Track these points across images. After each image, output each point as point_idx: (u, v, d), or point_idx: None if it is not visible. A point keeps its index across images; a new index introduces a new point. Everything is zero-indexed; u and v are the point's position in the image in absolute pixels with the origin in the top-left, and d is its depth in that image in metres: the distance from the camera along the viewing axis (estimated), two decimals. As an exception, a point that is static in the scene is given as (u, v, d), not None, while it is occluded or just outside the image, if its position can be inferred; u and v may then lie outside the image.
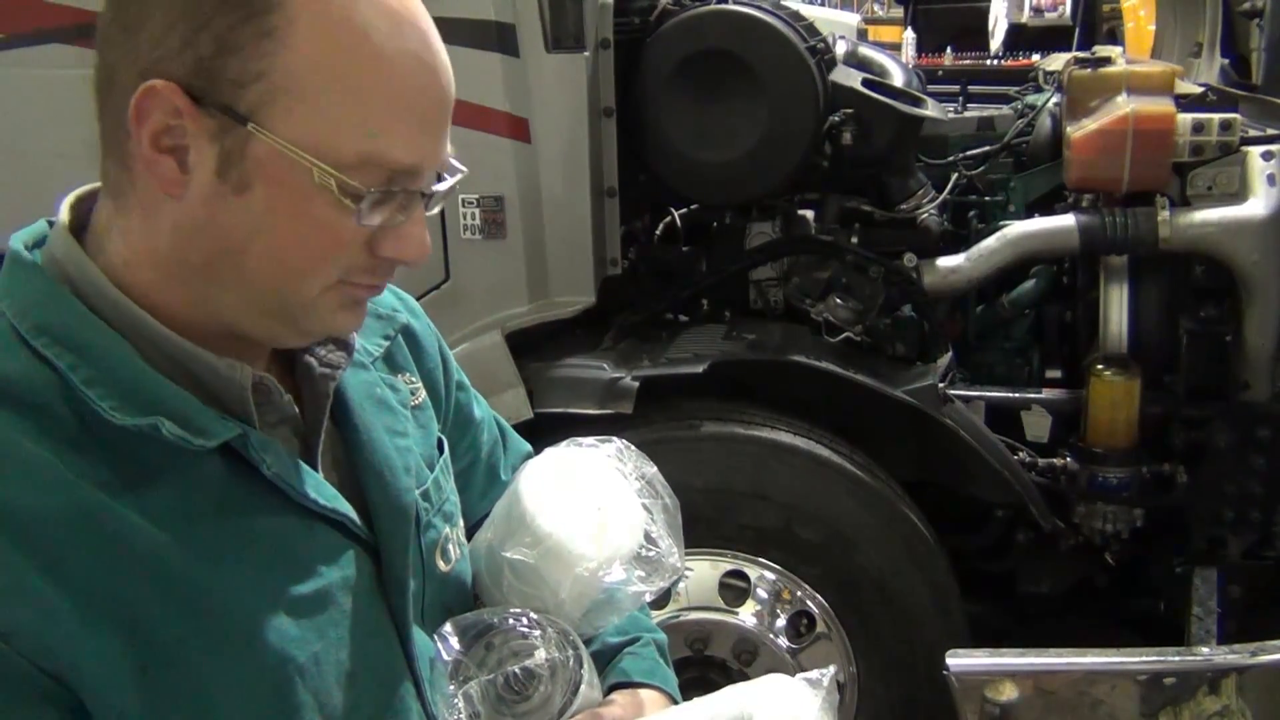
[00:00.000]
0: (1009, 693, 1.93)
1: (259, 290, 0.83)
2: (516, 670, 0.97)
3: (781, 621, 2.25)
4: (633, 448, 1.11)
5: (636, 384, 2.14)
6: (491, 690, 0.96)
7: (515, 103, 2.13)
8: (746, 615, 2.23)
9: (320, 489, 0.88)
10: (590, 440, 1.12)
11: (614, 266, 2.33)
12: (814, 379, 2.28)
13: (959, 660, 1.98)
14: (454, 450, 1.11)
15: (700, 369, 2.19)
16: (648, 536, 1.05)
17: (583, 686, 0.98)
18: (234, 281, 0.82)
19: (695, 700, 1.05)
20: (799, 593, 2.25)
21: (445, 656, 0.96)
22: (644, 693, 1.08)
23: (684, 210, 2.65)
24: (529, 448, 1.28)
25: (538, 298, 2.25)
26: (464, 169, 0.91)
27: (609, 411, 2.11)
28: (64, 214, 0.87)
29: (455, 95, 0.86)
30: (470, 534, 1.11)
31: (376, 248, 0.84)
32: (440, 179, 0.88)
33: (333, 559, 0.89)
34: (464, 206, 2.17)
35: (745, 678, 2.25)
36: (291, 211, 0.80)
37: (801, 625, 2.27)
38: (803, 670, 2.32)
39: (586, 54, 2.16)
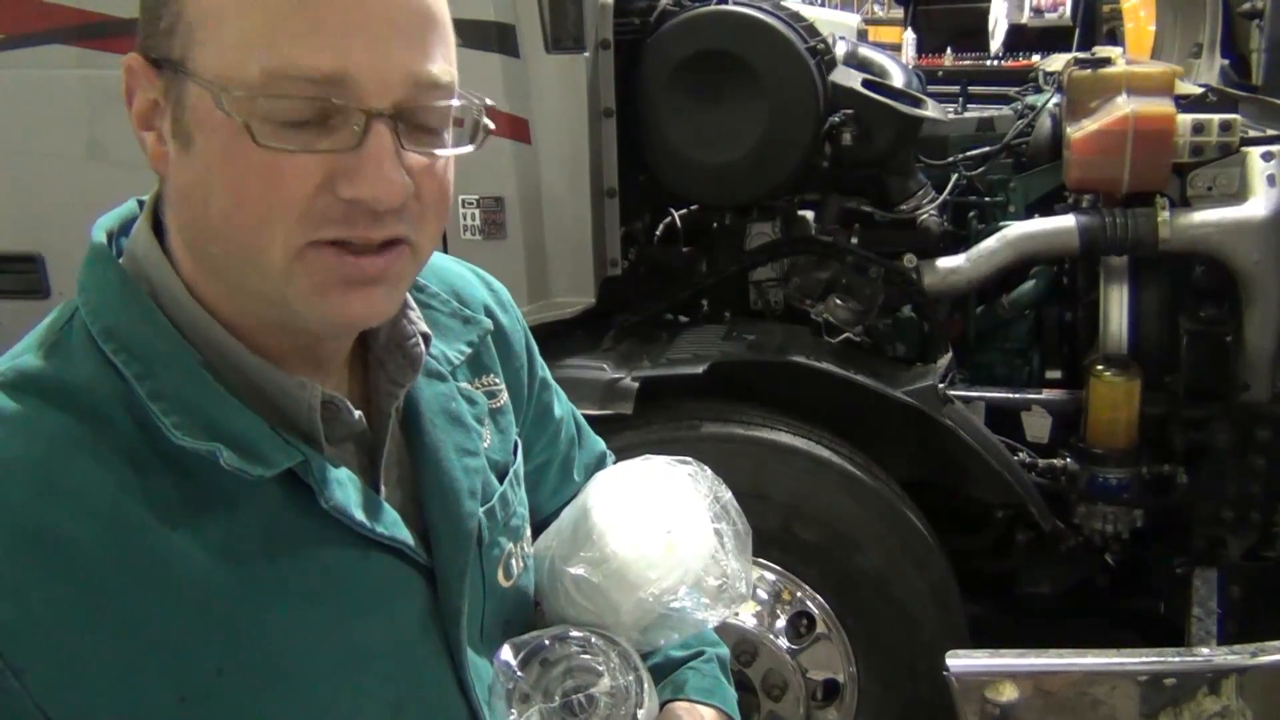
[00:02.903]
0: (1009, 693, 1.93)
1: (236, 265, 0.76)
2: (581, 699, 0.95)
3: (781, 622, 2.25)
4: (708, 471, 1.09)
5: (636, 384, 2.14)
6: (555, 717, 0.94)
7: (515, 103, 2.13)
8: (746, 615, 2.23)
9: (380, 516, 0.85)
10: (666, 459, 1.10)
11: (614, 267, 2.33)
12: (814, 379, 2.27)
13: (959, 660, 1.98)
14: (530, 448, 1.09)
15: (700, 369, 2.19)
16: (716, 562, 1.03)
17: (641, 712, 0.97)
18: (221, 260, 0.77)
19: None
20: (799, 593, 2.25)
21: (503, 680, 0.95)
22: (703, 710, 1.06)
23: (684, 211, 2.65)
24: (604, 446, 1.26)
25: (538, 298, 2.25)
26: (484, 99, 0.82)
27: (609, 412, 2.11)
28: (147, 206, 0.83)
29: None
30: (536, 531, 1.09)
31: (336, 187, 0.74)
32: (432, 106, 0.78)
33: (387, 588, 0.86)
34: (464, 207, 2.18)
35: (745, 678, 2.25)
36: (225, 155, 0.73)
37: (801, 625, 2.27)
38: (804, 675, 2.32)
39: (586, 55, 2.16)
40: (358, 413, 0.86)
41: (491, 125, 0.83)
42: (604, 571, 1.00)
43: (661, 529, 1.02)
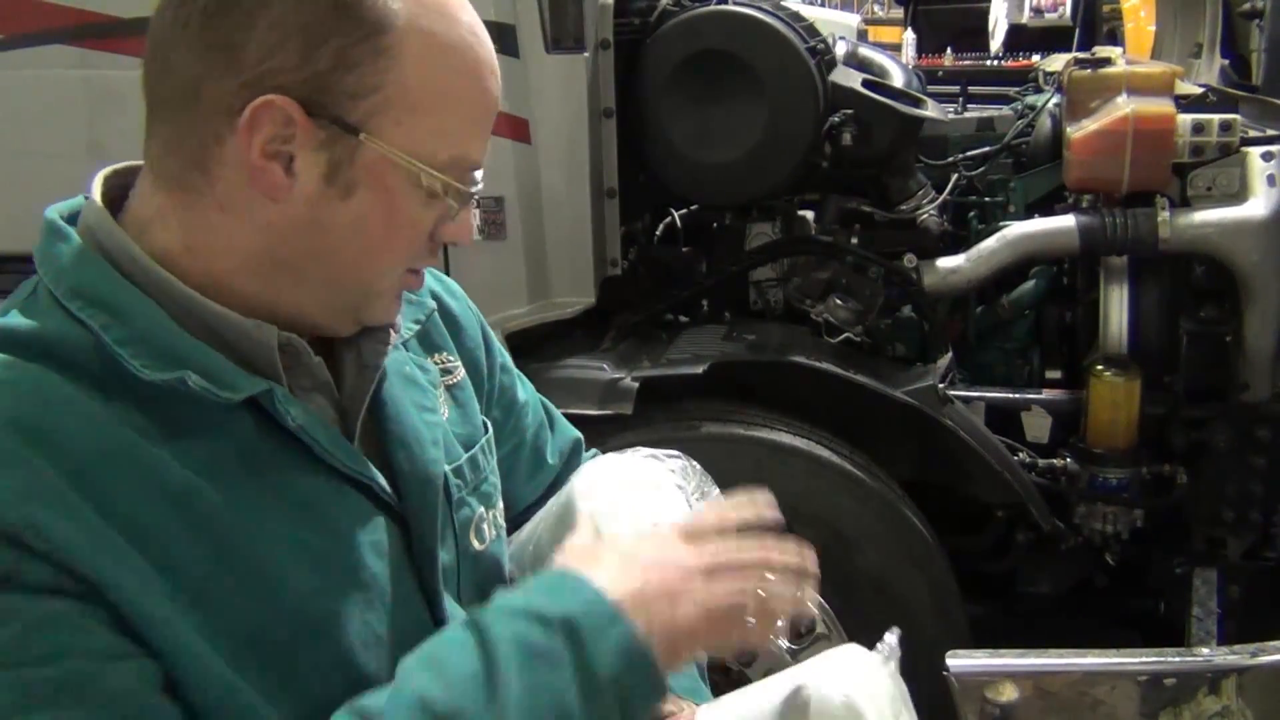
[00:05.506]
0: (1009, 693, 1.93)
1: (342, 284, 0.91)
2: None
3: (781, 622, 2.25)
4: (698, 467, 1.13)
5: (636, 384, 2.14)
6: None
7: (515, 103, 2.13)
8: (746, 616, 2.22)
9: (349, 453, 0.92)
10: (651, 452, 1.15)
11: (614, 267, 2.33)
12: (814, 380, 2.27)
13: (959, 661, 1.98)
14: (499, 433, 1.15)
15: (700, 369, 2.19)
16: None
17: None
18: (319, 277, 0.90)
19: (755, 684, 1.05)
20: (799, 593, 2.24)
21: None
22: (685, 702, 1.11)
23: (684, 211, 2.65)
24: (578, 434, 1.32)
25: (538, 298, 2.25)
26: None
27: (609, 412, 2.11)
28: (96, 189, 0.92)
29: None
30: (520, 522, 1.13)
31: (435, 235, 0.93)
32: None
33: (361, 523, 0.92)
34: (464, 207, 2.17)
35: (744, 678, 2.25)
36: (388, 211, 0.88)
37: (801, 626, 2.27)
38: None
39: (586, 55, 2.16)
40: (317, 359, 0.94)
41: None
42: None
43: (648, 520, 1.04)
